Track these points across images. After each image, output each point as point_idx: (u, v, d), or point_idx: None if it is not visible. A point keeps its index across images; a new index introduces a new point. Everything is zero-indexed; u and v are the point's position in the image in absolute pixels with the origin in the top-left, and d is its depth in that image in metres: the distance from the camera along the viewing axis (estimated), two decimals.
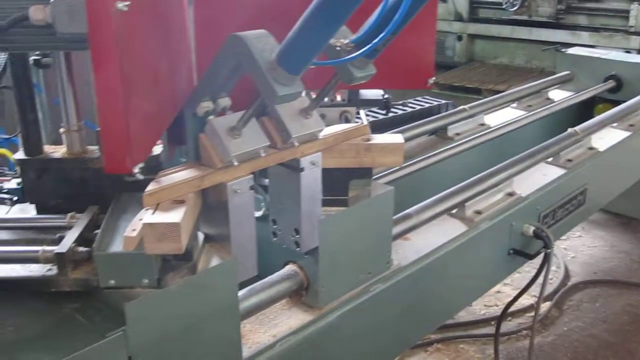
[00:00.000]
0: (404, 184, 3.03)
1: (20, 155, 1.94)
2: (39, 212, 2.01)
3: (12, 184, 1.98)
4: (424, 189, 3.05)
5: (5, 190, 1.95)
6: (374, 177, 2.44)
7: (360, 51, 1.50)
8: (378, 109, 3.47)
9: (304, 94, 2.15)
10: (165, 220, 1.54)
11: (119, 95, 1.33)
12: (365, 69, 1.74)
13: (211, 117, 1.73)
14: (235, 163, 1.74)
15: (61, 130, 1.92)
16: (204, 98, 1.74)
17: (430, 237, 2.70)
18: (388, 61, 1.85)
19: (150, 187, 1.64)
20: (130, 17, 1.39)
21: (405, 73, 2.17)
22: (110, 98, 1.34)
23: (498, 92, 8.64)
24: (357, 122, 2.92)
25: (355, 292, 2.28)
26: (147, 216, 1.57)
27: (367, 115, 3.38)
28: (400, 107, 3.73)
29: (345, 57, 1.54)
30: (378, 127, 3.49)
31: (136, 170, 1.45)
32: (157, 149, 1.97)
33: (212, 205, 1.83)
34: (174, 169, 1.76)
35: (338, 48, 1.66)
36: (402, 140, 2.09)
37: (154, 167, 1.94)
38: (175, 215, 1.56)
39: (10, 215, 1.99)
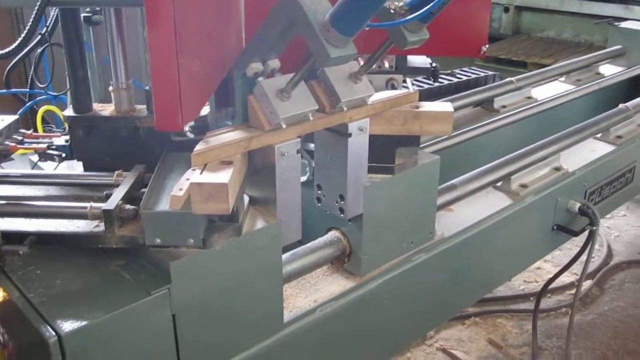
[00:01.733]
0: (448, 154, 2.97)
1: (69, 112, 1.95)
2: (86, 170, 2.03)
3: (61, 140, 1.99)
4: (468, 161, 3.01)
5: (54, 147, 1.96)
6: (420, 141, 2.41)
7: (416, 14, 1.46)
8: (425, 77, 3.42)
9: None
10: (213, 180, 1.53)
11: (172, 53, 1.31)
12: (419, 33, 1.70)
13: (260, 79, 1.71)
14: (284, 126, 1.72)
15: (110, 88, 1.92)
16: (254, 59, 1.71)
17: (474, 209, 2.66)
18: (441, 26, 1.80)
19: (199, 147, 1.63)
20: None
21: (458, 40, 2.11)
22: (164, 55, 1.32)
23: (544, 66, 8.44)
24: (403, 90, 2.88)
25: (397, 261, 2.26)
26: (195, 176, 1.57)
27: (414, 84, 3.32)
28: (447, 76, 3.65)
29: (400, 20, 1.50)
30: (424, 96, 3.42)
31: (186, 128, 1.44)
32: (205, 110, 1.96)
33: (258, 168, 1.81)
34: (222, 129, 1.75)
35: (392, 11, 1.61)
36: (452, 109, 2.04)
37: (202, 128, 1.93)
38: (223, 176, 1.55)
39: (58, 172, 2.02)
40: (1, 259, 1.72)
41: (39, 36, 2.05)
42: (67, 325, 1.51)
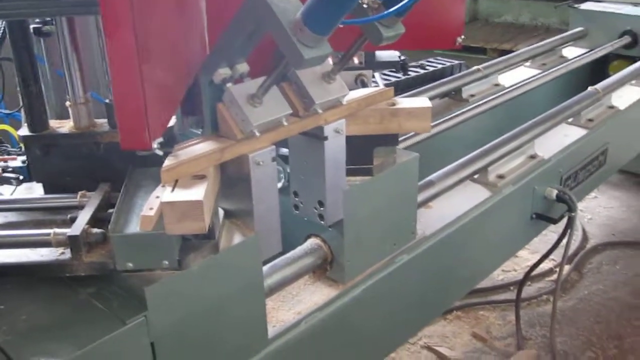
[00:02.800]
0: (421, 148, 2.89)
1: (24, 131, 1.81)
2: (46, 192, 1.89)
3: (17, 162, 1.86)
4: (442, 154, 2.95)
5: (10, 169, 1.83)
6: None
7: (393, 8, 1.37)
8: (393, 70, 3.34)
9: None
10: (186, 197, 1.42)
11: (134, 64, 1.20)
12: (395, 27, 1.61)
13: (229, 85, 1.60)
14: (257, 133, 1.62)
15: (67, 103, 1.79)
16: (221, 64, 1.60)
17: (453, 204, 2.60)
18: (415, 19, 1.71)
19: (168, 162, 1.52)
20: None
21: (433, 32, 2.03)
22: (125, 67, 1.21)
23: (503, 51, 8.47)
24: (373, 86, 2.80)
25: (380, 264, 2.18)
26: (166, 194, 1.45)
27: (382, 78, 3.24)
28: (415, 68, 3.59)
29: (376, 15, 1.41)
30: (394, 89, 3.35)
31: (155, 145, 1.33)
32: (171, 121, 1.85)
33: (232, 179, 1.71)
34: (190, 141, 1.64)
35: (365, 6, 1.52)
36: (429, 104, 1.96)
37: (169, 140, 1.82)
38: (196, 192, 1.44)
39: (16, 196, 1.88)
40: None
41: None
42: None
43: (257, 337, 1.81)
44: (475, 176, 2.76)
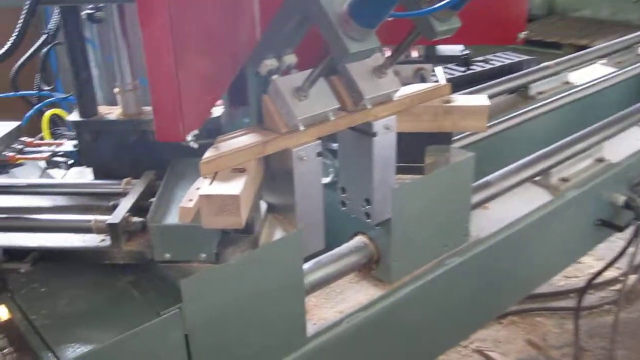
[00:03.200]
0: (481, 147, 2.80)
1: (74, 116, 1.83)
2: (96, 176, 1.91)
3: (69, 145, 1.87)
4: (503, 153, 2.83)
5: (61, 153, 1.84)
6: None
7: (445, 1, 1.29)
8: (456, 65, 3.24)
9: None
10: (223, 191, 1.39)
11: (169, 54, 1.17)
12: (449, 21, 1.53)
13: (275, 77, 1.56)
14: (301, 127, 1.57)
15: (115, 90, 1.79)
16: (268, 55, 1.57)
17: (511, 207, 2.49)
18: (474, 13, 1.63)
19: (208, 154, 1.49)
20: None
21: (493, 26, 1.93)
22: (160, 57, 1.18)
23: (579, 47, 8.15)
24: (433, 81, 2.71)
25: (429, 265, 2.10)
26: (204, 186, 1.43)
27: (445, 71, 3.14)
28: (480, 63, 3.46)
29: (427, 8, 1.34)
30: (455, 84, 3.24)
31: (189, 138, 1.30)
32: (218, 111, 1.83)
33: (275, 173, 1.67)
34: (234, 133, 1.61)
35: None
36: (488, 102, 1.87)
37: (214, 131, 1.80)
38: (234, 186, 1.41)
39: (65, 180, 1.90)
40: (2, 277, 1.61)
41: (44, 36, 1.93)
42: (71, 352, 1.39)
43: (295, 334, 1.78)
44: (537, 178, 2.64)
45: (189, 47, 1.23)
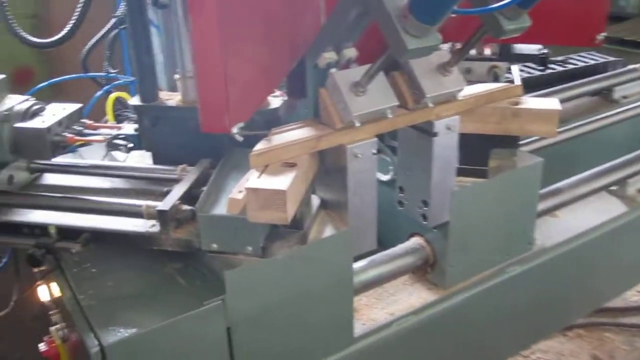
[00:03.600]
0: (556, 151, 2.67)
1: (135, 100, 1.84)
2: (155, 161, 1.92)
3: (129, 129, 1.89)
4: (580, 160, 2.68)
5: (122, 136, 1.86)
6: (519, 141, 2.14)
7: None
8: (533, 64, 3.10)
9: (445, 47, 1.89)
10: (270, 186, 1.36)
11: (215, 41, 1.14)
12: (518, 20, 1.44)
13: (333, 70, 1.52)
14: (357, 124, 1.52)
15: (176, 76, 1.79)
16: (327, 48, 1.52)
17: (582, 216, 2.36)
18: (548, 11, 1.53)
19: (259, 146, 1.46)
20: None
21: (568, 26, 1.82)
22: (206, 44, 1.15)
23: None
24: (507, 80, 2.59)
25: (488, 273, 2.02)
26: (252, 179, 1.40)
27: (522, 70, 3.01)
28: (560, 63, 3.30)
29: (493, 5, 1.26)
30: (532, 85, 3.10)
31: (235, 130, 1.28)
32: (276, 102, 1.80)
33: (330, 169, 1.63)
34: (289, 126, 1.58)
35: None
36: (559, 107, 1.77)
37: (271, 122, 1.77)
38: (282, 181, 1.38)
39: (125, 164, 1.93)
40: (56, 255, 1.64)
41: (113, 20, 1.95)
42: (112, 336, 1.40)
43: (342, 334, 1.74)
44: (613, 188, 2.49)
45: (239, 35, 1.20)
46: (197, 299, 1.49)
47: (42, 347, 1.94)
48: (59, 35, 1.55)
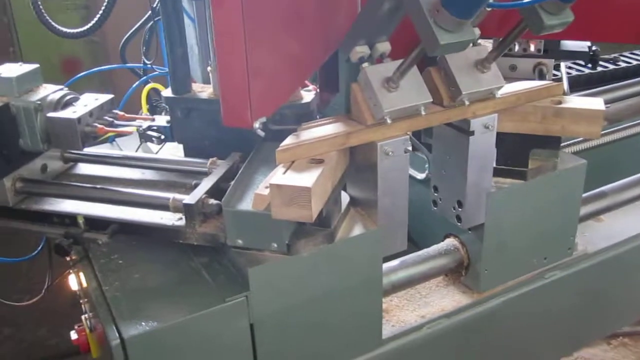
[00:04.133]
0: (602, 153, 2.56)
1: (167, 92, 1.83)
2: (186, 153, 1.91)
3: (162, 121, 1.88)
4: (627, 163, 2.57)
5: (154, 128, 1.86)
6: (564, 142, 2.06)
7: None
8: (582, 62, 2.98)
9: (486, 42, 1.83)
10: (295, 182, 1.33)
11: (238, 32, 1.10)
12: (560, 15, 1.37)
13: (365, 65, 1.47)
14: (389, 121, 1.47)
15: (208, 68, 1.77)
16: (359, 41, 1.48)
17: (629, 221, 2.27)
18: (593, 5, 1.45)
19: (287, 141, 1.43)
20: None
21: (616, 22, 1.72)
22: (228, 35, 1.12)
23: None
24: (554, 78, 2.51)
25: (525, 278, 1.95)
26: (278, 175, 1.37)
27: (571, 67, 2.91)
28: (611, 61, 3.17)
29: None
30: (582, 83, 2.99)
31: (257, 125, 1.24)
32: (309, 96, 1.76)
33: (360, 166, 1.59)
34: (319, 121, 1.54)
35: None
36: (602, 107, 1.68)
37: (303, 116, 1.74)
38: (308, 178, 1.34)
39: (156, 155, 1.92)
40: (84, 245, 1.65)
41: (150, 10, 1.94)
42: (133, 329, 1.39)
43: (369, 335, 1.70)
44: None
45: (263, 25, 1.16)
46: (221, 294, 1.47)
47: (73, 334, 1.95)
48: (86, 27, 1.55)
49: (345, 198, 1.66)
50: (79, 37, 1.60)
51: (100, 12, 1.50)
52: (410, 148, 1.55)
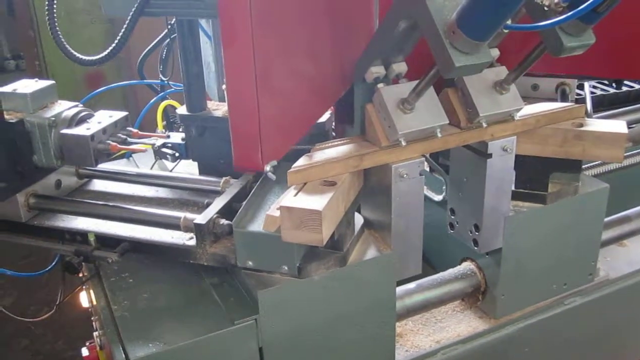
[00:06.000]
0: (627, 175, 2.50)
1: (182, 110, 1.82)
2: (201, 171, 1.90)
3: (177, 138, 1.87)
4: None
5: (169, 145, 1.85)
6: (584, 165, 2.00)
7: (570, 13, 1.11)
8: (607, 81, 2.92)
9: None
10: (306, 205, 1.30)
11: (249, 78, 1.08)
12: (581, 37, 1.33)
13: (380, 85, 1.45)
14: (403, 143, 1.45)
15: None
16: (375, 61, 1.45)
17: None
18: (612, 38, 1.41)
19: (299, 163, 1.41)
20: None
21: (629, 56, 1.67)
22: (240, 81, 1.10)
23: None
24: (577, 97, 2.45)
25: (543, 304, 1.90)
26: (288, 197, 1.35)
27: (595, 88, 2.85)
28: (636, 81, 3.10)
29: (549, 21, 1.16)
30: (607, 103, 2.93)
31: (267, 168, 1.22)
32: (324, 116, 1.74)
33: (374, 188, 1.56)
34: (333, 142, 1.51)
35: (546, 8, 1.27)
36: (625, 130, 1.64)
37: (318, 136, 1.72)
38: (319, 201, 1.32)
39: (170, 173, 1.91)
40: (95, 263, 1.63)
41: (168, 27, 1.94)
42: (140, 350, 1.38)
43: None
44: None
45: (274, 71, 1.14)
46: (230, 316, 1.45)
47: (84, 351, 1.94)
48: (102, 55, 1.56)
49: (359, 220, 1.63)
50: (94, 65, 1.61)
51: (117, 40, 1.51)
52: (426, 170, 1.52)
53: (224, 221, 1.53)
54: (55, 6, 1.63)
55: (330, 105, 1.48)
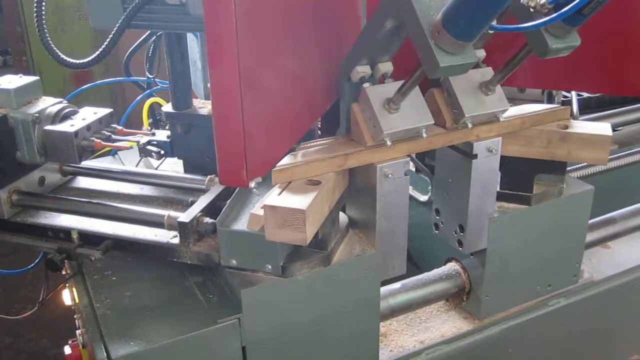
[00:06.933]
0: (612, 177, 2.51)
1: (168, 107, 1.81)
2: (186, 169, 1.89)
3: (162, 136, 1.86)
4: (638, 188, 2.52)
5: (154, 143, 1.84)
6: (570, 167, 2.01)
7: (555, 14, 1.11)
8: None
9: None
10: (289, 204, 1.30)
11: (234, 96, 1.07)
12: (566, 38, 1.34)
13: (366, 85, 1.44)
14: (389, 142, 1.44)
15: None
16: (361, 61, 1.45)
17: (638, 248, 2.22)
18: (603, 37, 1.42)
19: (284, 161, 1.40)
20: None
21: (621, 70, 1.67)
22: (225, 98, 1.10)
23: None
24: (564, 99, 2.47)
25: (527, 305, 1.91)
26: (272, 196, 1.34)
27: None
28: None
29: (533, 22, 1.16)
30: (592, 105, 2.95)
31: (252, 185, 1.22)
32: None
33: (359, 188, 1.56)
34: (318, 141, 1.51)
35: (532, 9, 1.27)
36: (610, 132, 1.64)
37: (306, 135, 1.71)
38: (302, 200, 1.31)
39: (155, 171, 1.90)
40: (78, 261, 1.62)
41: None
42: (121, 349, 1.37)
43: None
44: None
45: (260, 89, 1.13)
46: (213, 315, 1.44)
47: (67, 349, 1.93)
48: (89, 59, 1.56)
49: (344, 220, 1.63)
50: (80, 68, 1.60)
51: (101, 48, 1.51)
52: (412, 170, 1.52)
53: (208, 219, 1.52)
54: (43, 7, 1.61)
55: (316, 120, 1.47)
